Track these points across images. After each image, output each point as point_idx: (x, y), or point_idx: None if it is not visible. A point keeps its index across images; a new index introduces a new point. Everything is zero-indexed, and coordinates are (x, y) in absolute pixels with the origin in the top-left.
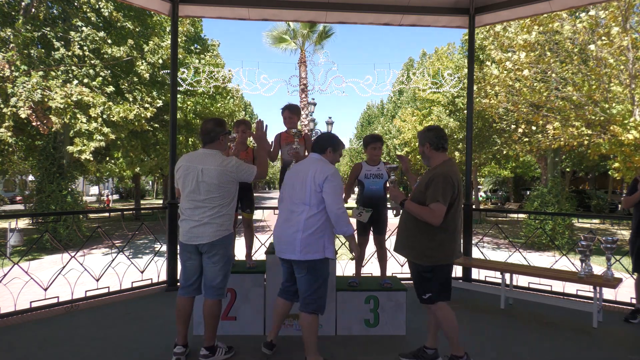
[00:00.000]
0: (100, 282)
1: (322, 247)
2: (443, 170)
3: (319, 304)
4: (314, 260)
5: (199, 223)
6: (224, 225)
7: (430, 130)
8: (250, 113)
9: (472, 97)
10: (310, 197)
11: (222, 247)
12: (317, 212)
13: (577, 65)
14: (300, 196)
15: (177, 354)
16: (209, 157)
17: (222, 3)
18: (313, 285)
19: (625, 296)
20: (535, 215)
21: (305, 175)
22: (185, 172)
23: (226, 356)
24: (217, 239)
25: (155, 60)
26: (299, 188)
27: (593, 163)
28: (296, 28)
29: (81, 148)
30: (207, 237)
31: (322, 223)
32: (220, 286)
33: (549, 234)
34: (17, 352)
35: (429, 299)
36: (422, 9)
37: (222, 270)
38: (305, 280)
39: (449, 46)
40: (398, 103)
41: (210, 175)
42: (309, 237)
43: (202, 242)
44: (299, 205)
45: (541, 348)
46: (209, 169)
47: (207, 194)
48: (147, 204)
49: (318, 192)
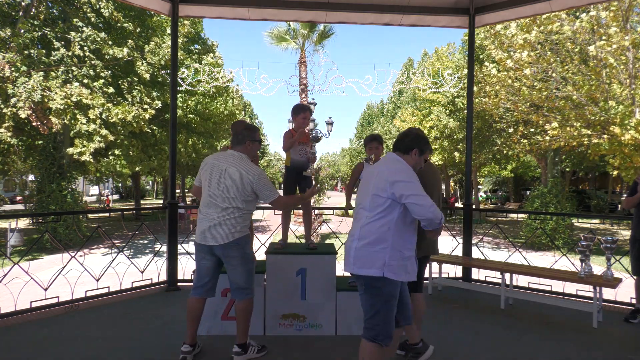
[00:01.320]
0: (100, 282)
1: (381, 264)
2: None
3: (380, 331)
4: (370, 277)
5: (213, 223)
6: (238, 226)
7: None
8: (250, 113)
9: (472, 97)
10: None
11: (237, 248)
12: (378, 218)
13: (577, 65)
14: (365, 199)
15: (184, 353)
16: (235, 159)
17: (222, 3)
18: (373, 307)
19: (625, 296)
20: (535, 215)
21: (376, 176)
22: (210, 170)
23: (259, 354)
24: (230, 241)
25: (156, 61)
26: (365, 190)
27: (593, 163)
28: (296, 28)
29: (81, 150)
30: (220, 239)
31: (383, 232)
32: (245, 286)
33: (549, 234)
34: (17, 352)
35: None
36: (422, 9)
37: (243, 270)
38: (363, 299)
39: (449, 46)
40: (398, 103)
41: (232, 177)
42: (364, 247)
43: (215, 244)
44: (360, 210)
45: (541, 348)
46: (231, 170)
47: (225, 194)
48: (147, 204)
49: (384, 196)
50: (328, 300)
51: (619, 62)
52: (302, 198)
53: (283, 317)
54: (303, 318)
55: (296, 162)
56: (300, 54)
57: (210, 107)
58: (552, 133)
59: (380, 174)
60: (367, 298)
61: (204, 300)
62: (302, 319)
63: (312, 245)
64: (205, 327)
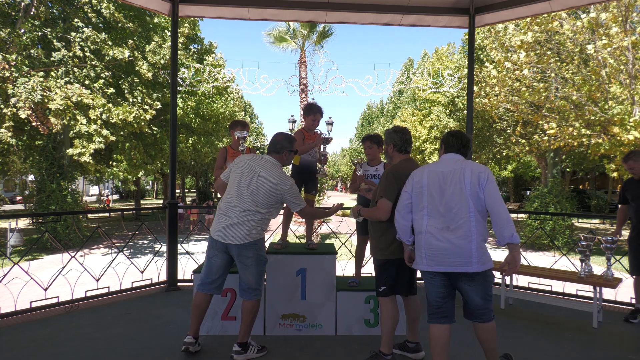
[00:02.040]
0: (100, 282)
1: (489, 256)
2: (394, 167)
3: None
4: (489, 270)
5: (233, 222)
6: (256, 229)
7: (397, 132)
8: (250, 113)
9: (472, 97)
10: (472, 201)
11: (253, 249)
12: (481, 218)
13: (577, 65)
14: (459, 201)
15: (187, 343)
16: (271, 165)
17: (222, 3)
18: (490, 294)
19: (625, 296)
20: (535, 215)
21: (461, 177)
22: (244, 168)
23: (258, 354)
24: (247, 242)
25: (157, 61)
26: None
27: (593, 163)
28: (296, 28)
29: (81, 150)
30: (238, 239)
31: (485, 229)
32: (255, 287)
33: (549, 233)
34: (17, 352)
35: (383, 292)
36: (422, 9)
37: (256, 272)
38: (481, 290)
39: (449, 46)
40: (398, 103)
41: (264, 181)
42: (483, 246)
43: (232, 243)
44: (462, 210)
45: (541, 348)
46: (266, 175)
47: (253, 196)
48: (147, 204)
49: (480, 195)
50: (328, 300)
51: (619, 63)
52: (327, 213)
53: (283, 317)
54: (303, 318)
55: (306, 162)
56: (300, 54)
57: (210, 107)
58: (550, 133)
59: (473, 172)
60: (487, 287)
61: (211, 297)
62: (302, 319)
63: (312, 246)
64: (205, 327)
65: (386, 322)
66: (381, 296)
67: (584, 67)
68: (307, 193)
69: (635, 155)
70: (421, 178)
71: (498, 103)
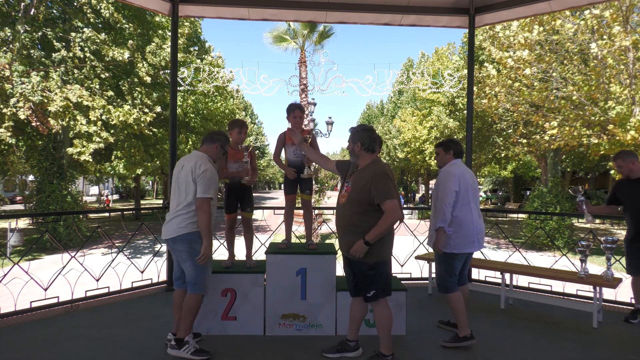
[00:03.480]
0: (100, 282)
1: None
2: (380, 168)
3: None
4: None
5: (168, 219)
6: (185, 222)
7: (364, 130)
8: (250, 113)
9: (472, 97)
10: None
11: (184, 243)
12: None
13: (578, 65)
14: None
15: (169, 340)
16: (193, 157)
17: (222, 3)
18: None
19: (625, 296)
20: (535, 215)
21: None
22: (176, 168)
23: (193, 357)
24: (177, 235)
25: (157, 62)
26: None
27: (593, 163)
28: (296, 28)
29: (80, 150)
30: (169, 234)
31: None
32: (194, 281)
33: (549, 233)
34: (17, 352)
35: (373, 296)
36: (422, 9)
37: (191, 265)
38: None
39: (449, 46)
40: (398, 103)
41: (185, 172)
42: None
43: (167, 238)
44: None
45: (541, 348)
46: (185, 167)
47: (179, 191)
48: (147, 204)
49: None
50: (328, 300)
51: (619, 63)
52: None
53: (283, 317)
54: (303, 318)
55: (292, 163)
56: (300, 54)
57: (210, 107)
58: (550, 133)
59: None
60: None
61: (184, 292)
62: (302, 319)
63: (312, 246)
64: (205, 327)
65: (383, 324)
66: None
67: (584, 67)
68: (302, 193)
69: (623, 154)
70: (464, 178)
71: (498, 104)
